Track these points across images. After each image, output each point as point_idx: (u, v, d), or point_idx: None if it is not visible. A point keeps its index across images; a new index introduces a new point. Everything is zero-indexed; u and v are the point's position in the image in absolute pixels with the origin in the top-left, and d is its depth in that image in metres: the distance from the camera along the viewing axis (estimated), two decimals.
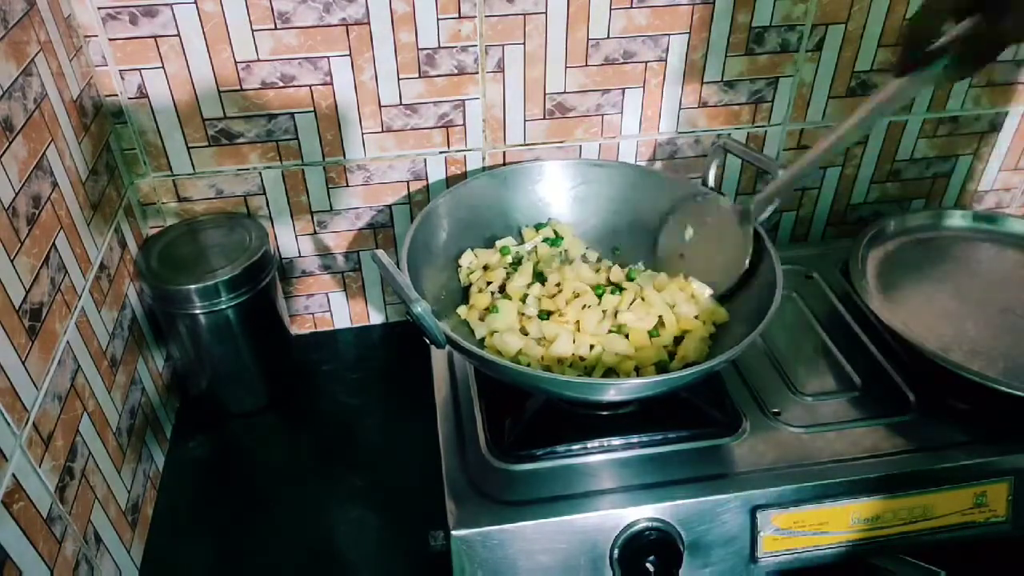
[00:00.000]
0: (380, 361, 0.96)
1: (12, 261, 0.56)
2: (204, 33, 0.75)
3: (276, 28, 0.76)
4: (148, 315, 0.83)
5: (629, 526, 0.64)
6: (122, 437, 0.73)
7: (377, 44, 0.79)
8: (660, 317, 0.73)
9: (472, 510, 0.64)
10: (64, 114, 0.68)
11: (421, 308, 0.60)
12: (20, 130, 0.60)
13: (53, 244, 0.63)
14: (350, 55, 0.79)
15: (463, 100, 0.84)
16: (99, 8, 0.73)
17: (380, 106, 0.83)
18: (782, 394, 0.76)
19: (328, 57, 0.79)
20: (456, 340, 0.63)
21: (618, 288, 0.76)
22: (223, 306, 0.79)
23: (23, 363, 0.56)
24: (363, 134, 0.84)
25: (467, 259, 0.81)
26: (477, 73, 0.83)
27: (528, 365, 0.70)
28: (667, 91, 0.88)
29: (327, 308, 0.98)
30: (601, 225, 0.87)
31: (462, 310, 0.78)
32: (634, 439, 0.70)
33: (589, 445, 0.69)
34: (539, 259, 0.82)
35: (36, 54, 0.64)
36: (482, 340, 0.74)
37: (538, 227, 0.85)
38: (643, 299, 0.74)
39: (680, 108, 0.89)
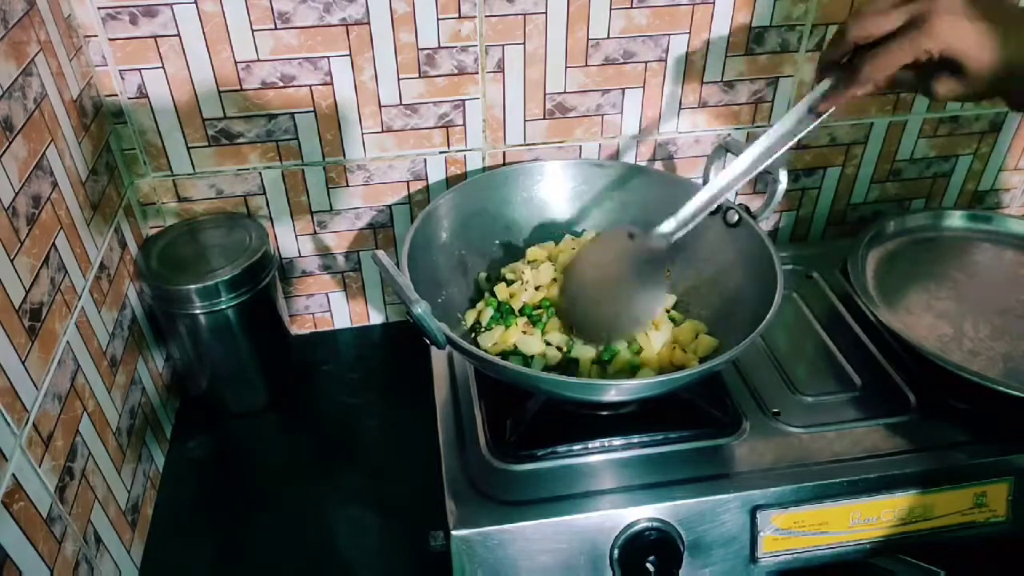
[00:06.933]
0: (380, 361, 0.96)
1: (12, 261, 0.56)
2: (204, 33, 0.75)
3: (276, 28, 0.76)
4: (148, 315, 0.83)
5: (629, 526, 0.64)
6: (122, 437, 0.73)
7: (377, 44, 0.79)
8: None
9: (472, 510, 0.64)
10: (64, 114, 0.68)
11: (421, 309, 0.60)
12: (20, 130, 0.60)
13: (53, 244, 0.63)
14: (350, 55, 0.79)
15: (463, 100, 0.84)
16: (99, 8, 0.73)
17: (380, 106, 0.83)
18: (782, 394, 0.76)
19: (328, 57, 0.79)
20: (456, 340, 0.63)
21: None
22: (223, 306, 0.79)
23: (23, 363, 0.56)
24: (363, 134, 0.84)
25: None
26: (477, 73, 0.83)
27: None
28: (667, 91, 0.88)
29: (327, 308, 0.98)
30: (601, 226, 0.87)
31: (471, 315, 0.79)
32: (634, 439, 0.70)
33: (589, 445, 0.69)
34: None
35: (36, 54, 0.64)
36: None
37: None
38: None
39: (680, 108, 0.89)
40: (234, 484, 0.82)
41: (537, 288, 0.78)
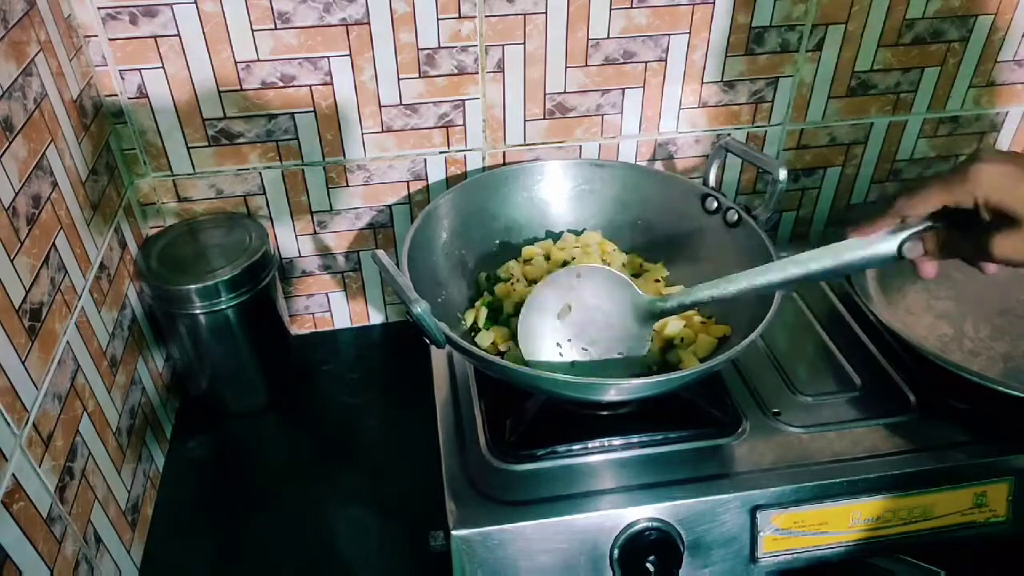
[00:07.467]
0: (380, 361, 0.96)
1: (12, 261, 0.56)
2: (204, 33, 0.75)
3: (276, 28, 0.76)
4: (148, 315, 0.83)
5: (629, 526, 0.64)
6: (122, 437, 0.73)
7: (377, 44, 0.79)
8: None
9: (472, 510, 0.64)
10: (64, 114, 0.68)
11: (421, 308, 0.60)
12: (20, 130, 0.60)
13: (53, 244, 0.63)
14: (350, 55, 0.79)
15: (463, 100, 0.84)
16: (99, 8, 0.73)
17: (380, 106, 0.83)
18: (782, 394, 0.76)
19: (328, 57, 0.79)
20: (456, 340, 0.63)
21: None
22: (223, 306, 0.79)
23: (23, 363, 0.56)
24: (363, 134, 0.84)
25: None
26: (477, 73, 0.83)
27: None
28: (667, 91, 0.88)
29: (327, 308, 0.98)
30: (601, 226, 0.87)
31: (470, 316, 0.79)
32: (634, 439, 0.70)
33: (589, 445, 0.69)
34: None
35: (36, 54, 0.64)
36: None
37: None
38: None
39: (680, 108, 0.89)
40: (234, 484, 0.82)
41: (530, 283, 0.78)
